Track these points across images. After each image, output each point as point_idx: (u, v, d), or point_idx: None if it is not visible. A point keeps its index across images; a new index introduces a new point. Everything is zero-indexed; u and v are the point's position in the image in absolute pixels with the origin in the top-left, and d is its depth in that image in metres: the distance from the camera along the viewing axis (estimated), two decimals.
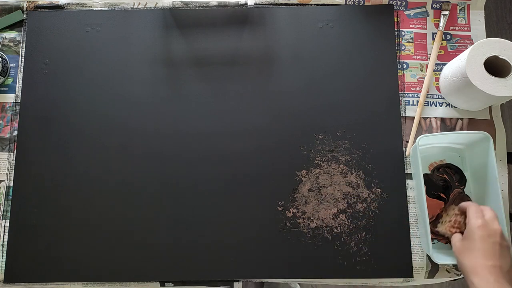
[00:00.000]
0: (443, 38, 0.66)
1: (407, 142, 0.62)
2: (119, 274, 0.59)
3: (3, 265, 0.59)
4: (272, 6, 0.67)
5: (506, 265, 0.48)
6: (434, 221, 0.59)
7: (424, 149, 0.61)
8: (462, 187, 0.61)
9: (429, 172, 0.62)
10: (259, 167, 0.61)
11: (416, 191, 0.60)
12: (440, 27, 0.65)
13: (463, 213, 0.55)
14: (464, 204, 0.55)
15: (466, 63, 0.55)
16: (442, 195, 0.61)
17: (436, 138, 0.61)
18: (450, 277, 0.59)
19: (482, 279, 0.47)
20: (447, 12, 0.66)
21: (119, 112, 0.63)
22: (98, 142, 0.62)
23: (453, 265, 0.59)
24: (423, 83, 0.64)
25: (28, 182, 0.61)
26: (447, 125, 0.63)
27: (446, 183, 0.61)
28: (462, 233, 0.54)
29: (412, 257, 0.59)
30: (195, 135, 0.62)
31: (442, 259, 0.56)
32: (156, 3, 0.68)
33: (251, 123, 0.63)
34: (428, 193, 0.61)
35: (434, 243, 0.59)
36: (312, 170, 0.61)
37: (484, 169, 0.58)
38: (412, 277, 0.59)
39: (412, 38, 0.66)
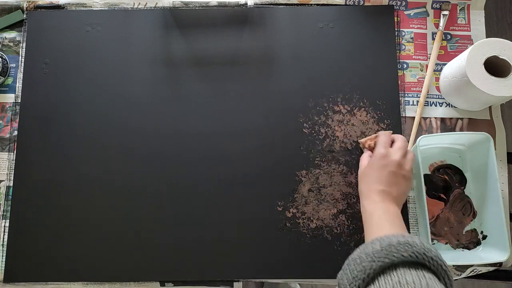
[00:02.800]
0: (443, 38, 0.66)
1: (408, 142, 0.62)
2: (119, 274, 0.59)
3: (3, 265, 0.59)
4: (272, 6, 0.67)
5: (396, 191, 0.52)
6: (433, 222, 0.60)
7: (424, 150, 0.61)
8: (463, 187, 0.61)
9: (429, 173, 0.62)
10: (259, 167, 0.61)
11: (416, 192, 0.60)
12: (440, 27, 0.65)
13: None
14: (379, 133, 0.58)
15: (466, 63, 0.55)
16: (442, 195, 0.61)
17: (436, 138, 0.61)
18: None
19: (370, 201, 0.52)
20: (447, 12, 0.66)
21: (119, 112, 0.63)
22: (98, 142, 0.62)
23: (453, 265, 0.59)
24: (423, 83, 0.64)
25: (28, 182, 0.61)
26: (447, 125, 0.63)
27: (447, 184, 0.61)
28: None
29: None
30: (195, 135, 0.62)
31: None
32: (156, 3, 0.68)
33: (251, 123, 0.63)
34: (428, 193, 0.61)
35: (434, 243, 0.59)
36: (312, 170, 0.61)
37: (484, 170, 0.58)
38: None
39: (412, 38, 0.66)
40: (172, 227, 0.60)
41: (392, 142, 0.56)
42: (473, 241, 0.60)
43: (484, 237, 0.59)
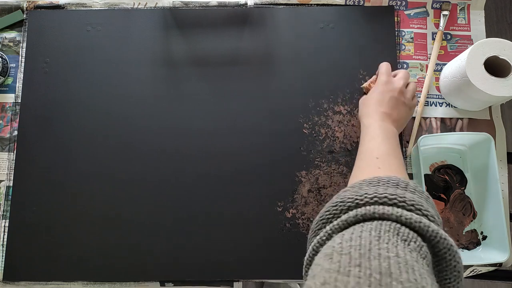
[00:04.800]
0: (443, 38, 0.66)
1: (407, 142, 0.62)
2: (119, 274, 0.59)
3: (3, 265, 0.59)
4: (272, 6, 0.67)
5: (397, 115, 0.54)
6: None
7: (425, 150, 0.61)
8: (463, 188, 0.61)
9: (430, 173, 0.62)
10: (259, 168, 0.61)
11: None
12: (440, 27, 0.65)
13: None
14: (380, 65, 0.59)
15: (466, 63, 0.55)
16: (442, 195, 0.61)
17: (437, 138, 0.60)
18: None
19: (370, 119, 0.53)
20: (447, 12, 0.66)
21: (119, 112, 0.63)
22: (98, 142, 0.62)
23: None
24: (423, 83, 0.64)
25: (28, 182, 0.61)
26: (447, 125, 0.63)
27: (447, 184, 0.61)
28: None
29: None
30: (195, 135, 0.62)
31: None
32: (156, 3, 0.68)
33: (251, 123, 0.63)
34: (429, 193, 0.61)
35: None
36: (311, 171, 0.61)
37: (485, 170, 0.58)
38: None
39: (412, 38, 0.66)
40: (172, 227, 0.60)
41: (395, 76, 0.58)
42: (473, 241, 0.60)
43: (484, 238, 0.59)
